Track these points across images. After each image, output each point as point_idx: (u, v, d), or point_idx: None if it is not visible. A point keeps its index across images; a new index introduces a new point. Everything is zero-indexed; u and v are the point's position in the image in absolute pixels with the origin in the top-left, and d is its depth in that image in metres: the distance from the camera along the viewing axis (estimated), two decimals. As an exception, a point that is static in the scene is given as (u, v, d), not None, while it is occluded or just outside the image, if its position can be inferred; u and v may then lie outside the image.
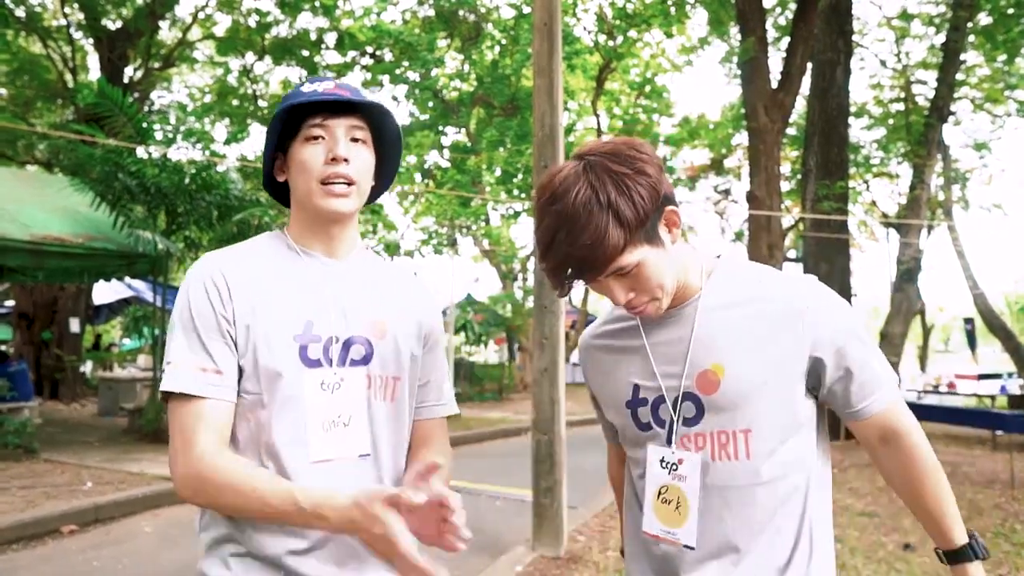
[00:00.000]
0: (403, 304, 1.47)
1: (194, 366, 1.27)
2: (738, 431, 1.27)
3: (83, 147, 8.87)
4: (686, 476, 1.29)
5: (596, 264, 1.20)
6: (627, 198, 1.18)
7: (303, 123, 1.36)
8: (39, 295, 13.98)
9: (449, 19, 17.12)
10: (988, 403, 12.08)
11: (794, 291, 1.30)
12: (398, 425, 1.43)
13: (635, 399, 1.38)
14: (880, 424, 1.31)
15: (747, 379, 1.26)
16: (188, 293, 1.32)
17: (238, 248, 1.42)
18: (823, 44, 10.92)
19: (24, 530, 5.43)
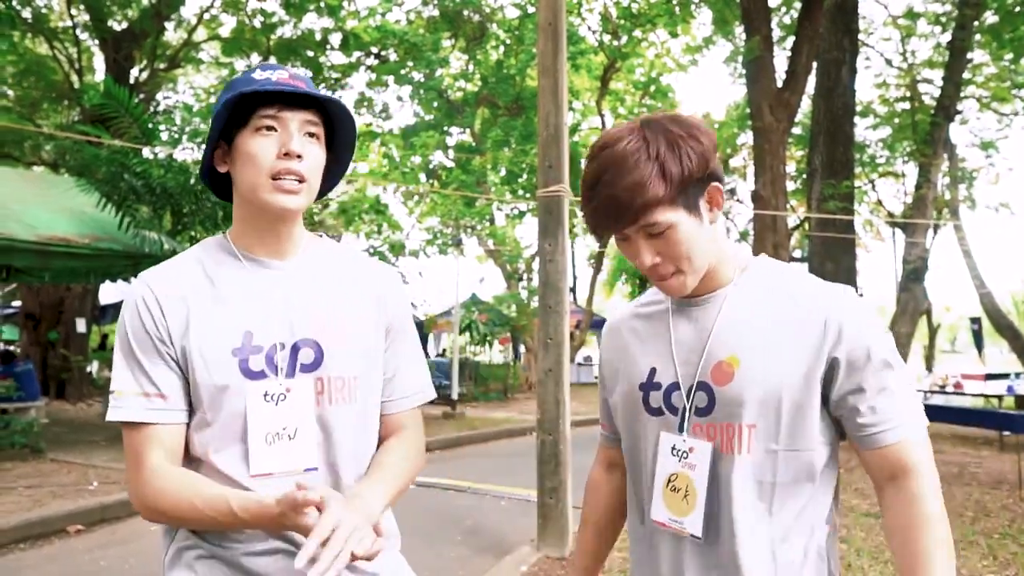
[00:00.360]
0: (358, 297, 1.40)
1: (137, 392, 1.25)
2: (744, 425, 1.24)
3: (89, 148, 8.90)
4: (696, 465, 1.27)
5: (631, 211, 1.19)
6: (676, 156, 1.19)
7: (254, 112, 1.27)
8: (45, 295, 14.03)
9: (454, 19, 17.13)
10: (995, 403, 12.03)
11: (826, 298, 1.26)
12: (362, 428, 1.36)
13: (650, 382, 1.36)
14: (890, 459, 1.22)
15: (760, 375, 1.23)
16: (124, 317, 1.29)
17: (175, 261, 1.36)
18: (828, 43, 10.89)
19: (31, 530, 5.44)
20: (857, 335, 1.22)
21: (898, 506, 1.21)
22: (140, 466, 1.24)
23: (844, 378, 1.22)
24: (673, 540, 1.31)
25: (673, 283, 1.27)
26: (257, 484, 1.25)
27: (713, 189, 1.25)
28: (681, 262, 1.24)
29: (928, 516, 1.18)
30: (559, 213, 5.06)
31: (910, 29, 16.27)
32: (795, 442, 1.24)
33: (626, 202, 1.19)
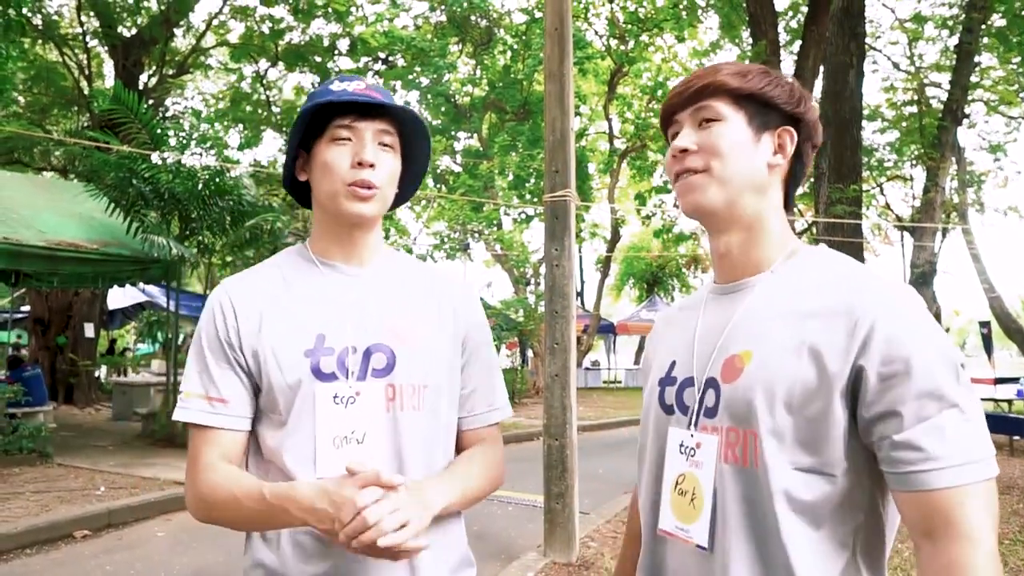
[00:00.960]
0: (433, 308, 1.40)
1: (201, 395, 1.30)
2: (748, 432, 1.05)
3: (98, 153, 8.96)
4: (702, 462, 1.11)
5: (694, 87, 1.15)
6: (765, 77, 1.16)
7: (330, 122, 1.31)
8: (54, 300, 14.10)
9: (461, 25, 17.17)
10: (1005, 408, 11.96)
11: (865, 292, 1.03)
12: (430, 437, 1.34)
13: (667, 376, 1.23)
14: (929, 509, 0.95)
15: (770, 373, 1.04)
16: (201, 321, 1.35)
17: (255, 268, 1.41)
18: (835, 47, 10.87)
19: (38, 535, 5.46)
20: (895, 343, 0.97)
21: (933, 566, 0.95)
22: (195, 464, 1.28)
23: (874, 397, 0.98)
24: (687, 554, 1.14)
25: (693, 181, 1.14)
26: None
27: (785, 132, 1.16)
28: (714, 158, 1.12)
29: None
30: (566, 218, 5.06)
31: (917, 33, 16.23)
32: (805, 461, 1.02)
33: (695, 80, 1.16)
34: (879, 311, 1.00)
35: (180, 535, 5.77)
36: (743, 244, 1.17)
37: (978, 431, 0.97)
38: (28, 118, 16.55)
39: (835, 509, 1.02)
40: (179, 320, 10.68)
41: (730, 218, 1.15)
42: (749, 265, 1.17)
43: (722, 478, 1.08)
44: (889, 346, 0.97)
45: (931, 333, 1.00)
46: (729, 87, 1.13)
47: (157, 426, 9.64)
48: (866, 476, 1.03)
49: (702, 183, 1.13)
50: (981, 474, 0.95)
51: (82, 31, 15.75)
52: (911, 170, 18.11)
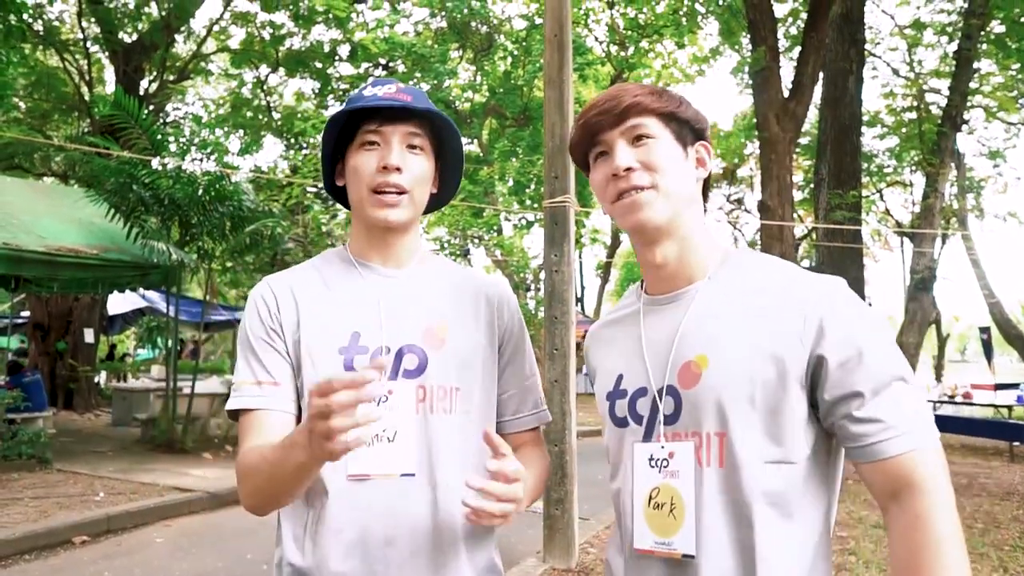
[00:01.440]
0: (469, 310, 1.40)
1: (251, 382, 1.31)
2: (712, 434, 1.09)
3: (98, 159, 8.96)
4: (679, 471, 1.12)
5: (621, 107, 1.17)
6: (675, 97, 1.21)
7: (359, 129, 1.33)
8: (54, 306, 14.10)
9: (461, 31, 17.20)
10: (1005, 414, 11.95)
11: (807, 289, 1.11)
12: (464, 439, 1.33)
13: (616, 390, 1.25)
14: (892, 473, 1.04)
15: (730, 374, 1.09)
16: (245, 316, 1.37)
17: (295, 268, 1.43)
18: (835, 53, 10.89)
19: (36, 540, 5.45)
20: (845, 331, 1.07)
21: (903, 529, 1.02)
22: (244, 448, 1.28)
23: (834, 381, 1.06)
24: (660, 569, 1.14)
25: (642, 198, 1.16)
26: (354, 486, 1.27)
27: (702, 146, 1.23)
28: (658, 174, 1.16)
29: (939, 539, 0.99)
30: (565, 223, 5.06)
31: (916, 39, 16.26)
32: (773, 453, 1.08)
33: (617, 99, 1.17)
34: (824, 303, 1.09)
35: (179, 541, 5.76)
36: (679, 254, 1.21)
37: (922, 397, 1.09)
38: (28, 124, 16.58)
39: (803, 494, 1.09)
40: (179, 326, 10.68)
41: (669, 231, 1.19)
42: (685, 274, 1.21)
43: (697, 482, 1.11)
44: (841, 335, 1.07)
45: (871, 318, 1.11)
46: (653, 107, 1.17)
47: (157, 432, 9.63)
48: (823, 457, 1.12)
49: (651, 199, 1.16)
50: (932, 434, 1.05)
51: (83, 37, 15.78)
52: (911, 176, 18.15)
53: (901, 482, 1.03)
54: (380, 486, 1.27)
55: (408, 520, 1.27)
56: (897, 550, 1.03)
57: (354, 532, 1.26)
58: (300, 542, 1.29)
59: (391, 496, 1.27)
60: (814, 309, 1.08)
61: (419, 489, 1.29)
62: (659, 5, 14.99)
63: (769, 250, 9.61)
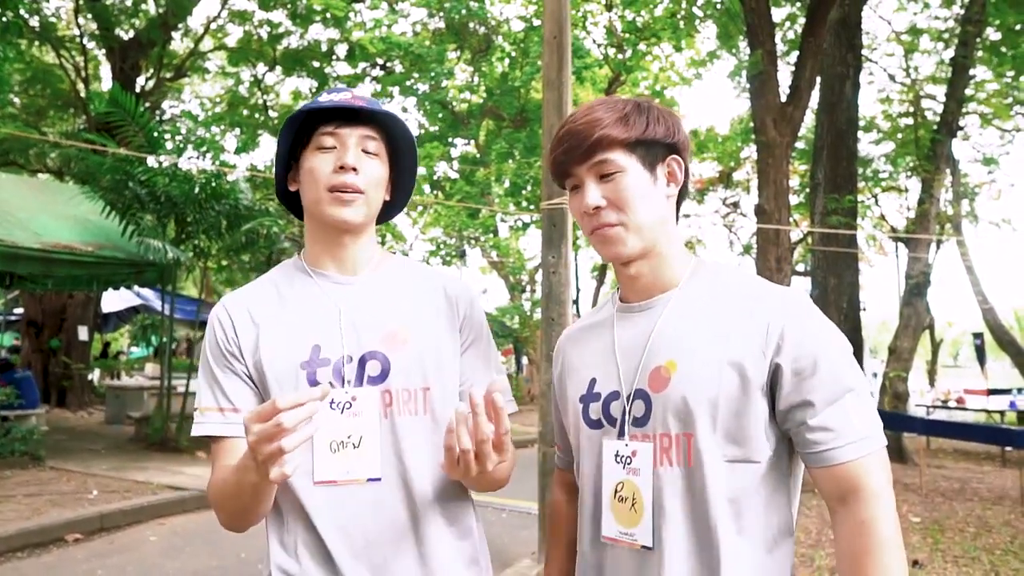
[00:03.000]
0: (428, 307, 1.40)
1: (214, 408, 1.31)
2: (680, 435, 1.16)
3: (94, 156, 8.93)
4: (639, 469, 1.19)
5: (586, 144, 1.20)
6: (642, 115, 1.21)
7: (315, 131, 1.33)
8: (48, 303, 14.04)
9: (459, 31, 17.20)
10: (997, 418, 12.00)
11: (770, 300, 1.17)
12: (435, 440, 1.31)
13: (589, 393, 1.29)
14: (840, 479, 1.11)
15: (697, 379, 1.15)
16: (206, 338, 1.37)
17: (252, 283, 1.44)
18: (832, 58, 10.92)
19: (29, 538, 5.43)
20: (802, 342, 1.13)
21: (847, 531, 1.10)
22: (213, 473, 1.31)
23: (790, 389, 1.13)
24: (627, 557, 1.21)
25: (613, 235, 1.22)
26: (320, 492, 1.28)
27: (673, 160, 1.25)
28: (626, 212, 1.20)
29: (880, 543, 1.06)
30: (563, 225, 5.07)
31: (913, 45, 16.30)
32: (736, 453, 1.15)
33: (583, 135, 1.20)
34: (785, 316, 1.15)
35: (173, 539, 5.74)
36: (653, 268, 1.26)
37: (871, 407, 1.14)
38: (24, 120, 16.50)
39: (764, 491, 1.16)
40: (174, 324, 10.65)
41: (646, 251, 1.25)
42: (658, 284, 1.27)
43: (659, 480, 1.17)
44: (798, 345, 1.13)
45: (827, 330, 1.17)
46: (619, 138, 1.19)
47: (150, 430, 9.60)
48: (785, 458, 1.19)
49: (620, 236, 1.22)
50: (878, 443, 1.12)
51: (79, 33, 15.73)
52: (906, 181, 18.19)
53: (848, 487, 1.11)
54: (351, 491, 1.28)
55: (383, 523, 1.29)
56: (843, 550, 1.11)
57: (333, 537, 1.27)
58: (285, 547, 1.30)
59: (364, 500, 1.28)
60: (776, 320, 1.15)
61: (391, 492, 1.30)
62: (657, 8, 15.01)
63: (765, 254, 9.64)
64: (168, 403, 9.57)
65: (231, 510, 1.26)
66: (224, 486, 1.23)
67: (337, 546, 1.26)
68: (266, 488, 1.17)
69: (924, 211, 12.65)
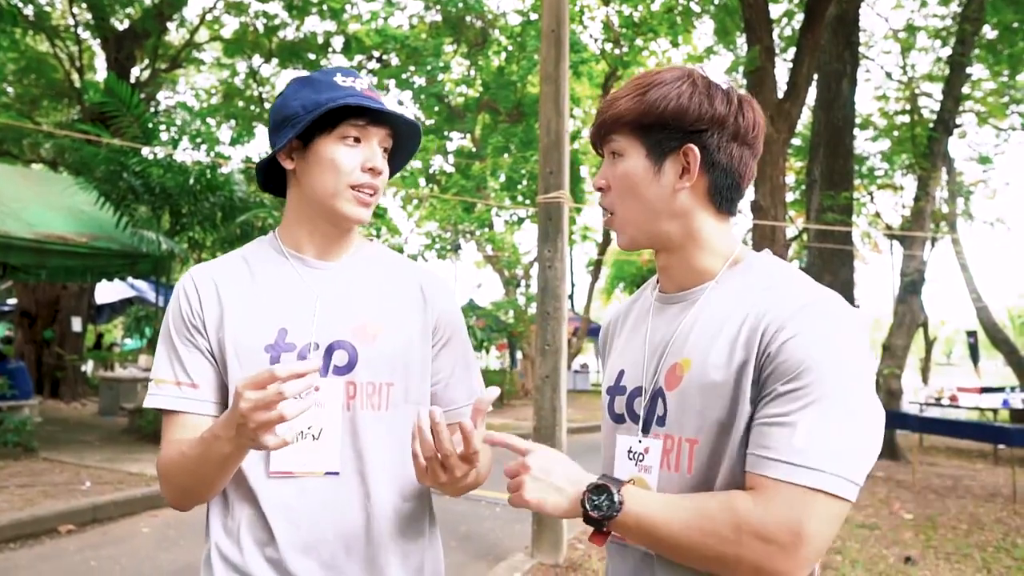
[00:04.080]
0: (402, 302, 1.38)
1: (171, 381, 1.28)
2: (684, 439, 1.08)
3: (88, 146, 8.89)
4: (651, 467, 1.13)
5: (599, 117, 1.17)
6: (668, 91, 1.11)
7: (341, 121, 1.28)
8: (41, 294, 13.99)
9: (456, 25, 17.16)
10: (990, 416, 12.05)
11: (783, 301, 1.05)
12: (396, 435, 1.30)
13: (616, 386, 1.24)
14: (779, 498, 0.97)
15: (703, 380, 1.07)
16: (169, 307, 1.33)
17: (223, 258, 1.40)
18: (829, 55, 10.92)
19: (22, 529, 5.41)
20: (794, 348, 1.00)
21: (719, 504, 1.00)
22: (164, 446, 1.29)
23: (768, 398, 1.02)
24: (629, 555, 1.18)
25: (614, 224, 1.19)
26: (276, 484, 1.25)
27: (688, 151, 1.11)
28: (616, 200, 1.16)
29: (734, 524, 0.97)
30: (559, 219, 5.06)
31: (910, 43, 16.31)
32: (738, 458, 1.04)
33: (602, 109, 1.17)
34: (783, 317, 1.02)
35: (166, 531, 5.73)
36: (681, 260, 1.18)
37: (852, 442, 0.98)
38: (18, 110, 16.42)
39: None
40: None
41: (658, 244, 1.18)
42: (692, 276, 1.18)
43: (661, 484, 1.11)
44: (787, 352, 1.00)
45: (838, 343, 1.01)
46: (626, 118, 1.13)
47: (144, 421, 9.57)
48: None
49: (617, 227, 1.19)
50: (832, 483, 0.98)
51: (74, 23, 15.63)
52: (902, 179, 18.22)
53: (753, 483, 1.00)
54: (307, 484, 1.26)
55: (338, 518, 1.26)
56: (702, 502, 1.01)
57: (283, 530, 1.24)
58: (228, 532, 1.28)
59: (319, 494, 1.26)
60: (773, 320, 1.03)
61: (347, 487, 1.27)
62: (654, 3, 14.99)
63: (760, 250, 9.64)
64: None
65: (184, 485, 1.24)
66: (182, 460, 1.20)
67: (284, 538, 1.24)
68: (234, 461, 1.16)
69: (919, 209, 12.67)
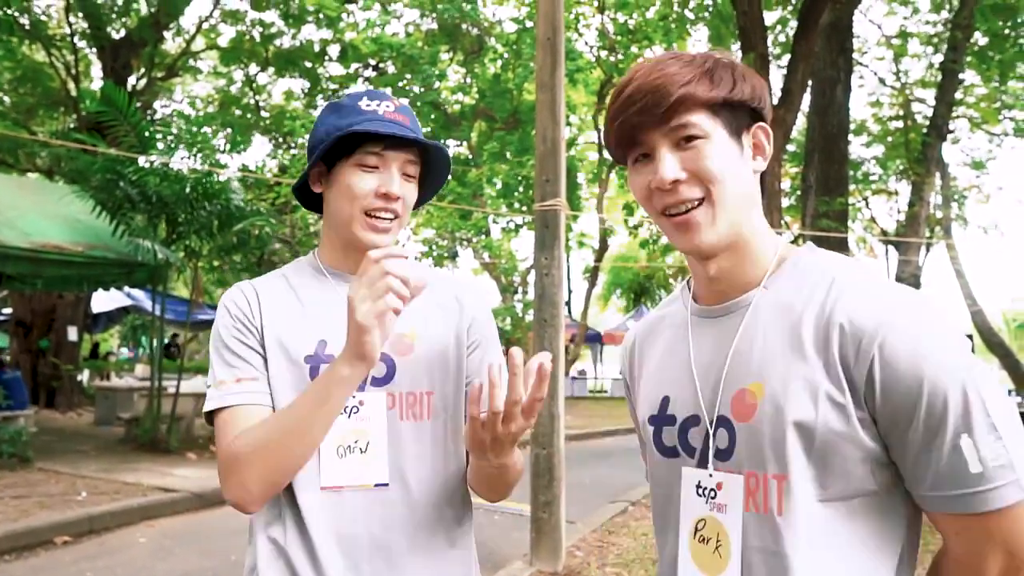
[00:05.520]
0: (437, 313, 1.39)
1: (230, 380, 1.28)
2: (770, 476, 0.95)
3: (84, 155, 8.88)
4: (726, 505, 0.99)
5: (666, 102, 0.97)
6: (729, 72, 1.01)
7: (359, 147, 1.29)
8: (37, 303, 13.95)
9: (452, 32, 17.20)
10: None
11: (869, 302, 0.93)
12: (440, 446, 1.33)
13: (661, 415, 1.10)
14: (993, 529, 0.89)
15: (788, 406, 0.94)
16: (217, 319, 1.35)
17: (264, 276, 1.43)
18: (824, 62, 10.98)
19: (17, 540, 5.38)
20: (916, 360, 0.89)
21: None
22: (222, 443, 1.24)
23: (889, 423, 0.91)
24: None
25: (696, 219, 1.00)
26: (326, 497, 1.26)
27: (760, 130, 1.04)
28: (713, 183, 0.98)
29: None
30: (556, 227, 5.06)
31: (903, 49, 16.40)
32: (837, 492, 0.93)
33: (662, 92, 0.97)
34: (888, 327, 0.90)
35: (163, 541, 5.71)
36: (735, 266, 1.05)
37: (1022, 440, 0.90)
38: (14, 119, 16.40)
39: (875, 532, 0.95)
40: (164, 324, 10.59)
41: (730, 242, 1.03)
42: (739, 283, 1.06)
43: (745, 528, 0.98)
44: (913, 368, 0.89)
45: (956, 343, 0.92)
46: (704, 98, 0.98)
47: (140, 431, 9.54)
48: (893, 487, 0.95)
49: (705, 219, 1.00)
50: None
51: (70, 32, 15.63)
52: (896, 184, 18.29)
53: (1003, 539, 0.90)
54: (355, 497, 1.26)
55: (388, 530, 1.27)
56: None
57: (333, 544, 1.25)
58: (276, 553, 1.26)
59: (366, 507, 1.27)
60: (870, 333, 0.91)
61: (394, 499, 1.28)
62: (649, 11, 15.05)
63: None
64: (158, 404, 9.51)
65: (276, 460, 1.20)
66: (272, 431, 1.20)
67: (329, 553, 1.24)
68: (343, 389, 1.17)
69: (914, 214, 12.73)
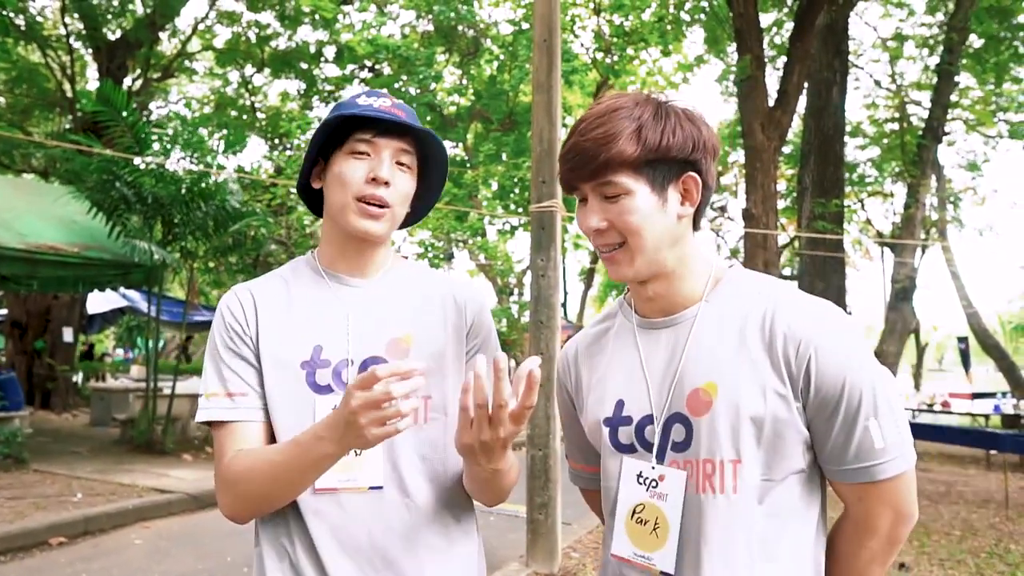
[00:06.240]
0: (436, 315, 1.39)
1: (221, 393, 1.29)
2: (727, 461, 1.12)
3: (80, 156, 8.86)
4: (667, 494, 1.15)
5: (593, 164, 1.11)
6: (658, 126, 1.12)
7: (350, 135, 1.30)
8: (32, 304, 13.90)
9: (448, 34, 17.20)
10: (982, 422, 12.09)
11: (802, 314, 1.13)
12: (437, 448, 1.33)
13: (617, 416, 1.23)
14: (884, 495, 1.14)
15: (741, 401, 1.11)
16: (214, 325, 1.35)
17: (262, 277, 1.43)
18: (819, 64, 11.01)
19: (12, 542, 5.37)
20: (836, 365, 1.10)
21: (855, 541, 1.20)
22: (220, 460, 1.27)
23: (816, 411, 1.12)
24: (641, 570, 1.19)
25: (618, 258, 1.16)
26: (320, 500, 1.27)
27: (688, 179, 1.15)
28: (629, 234, 1.13)
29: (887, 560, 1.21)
30: (552, 228, 5.07)
31: (899, 51, 16.45)
32: (780, 472, 1.13)
33: (590, 153, 1.12)
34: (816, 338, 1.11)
35: (158, 543, 5.70)
36: (668, 289, 1.21)
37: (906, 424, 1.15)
38: (9, 120, 16.36)
39: (800, 504, 1.15)
40: (160, 325, 10.57)
41: (652, 274, 1.19)
42: (677, 302, 1.22)
43: (699, 507, 1.13)
44: (835, 371, 1.10)
45: (860, 349, 1.14)
46: (630, 159, 1.11)
47: (135, 432, 9.52)
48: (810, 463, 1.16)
49: (623, 258, 1.16)
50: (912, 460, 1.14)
51: (66, 33, 15.60)
52: (892, 186, 18.35)
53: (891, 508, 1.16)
54: (350, 499, 1.27)
55: (383, 532, 1.28)
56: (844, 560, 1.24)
57: (331, 546, 1.26)
58: (281, 556, 1.28)
59: (364, 509, 1.27)
60: (803, 341, 1.11)
61: (391, 501, 1.29)
62: (645, 13, 15.07)
63: (753, 258, 9.69)
64: (154, 405, 9.49)
65: (264, 492, 1.22)
66: (268, 466, 1.20)
67: (329, 554, 1.25)
68: (331, 462, 1.16)
69: (910, 216, 12.77)
